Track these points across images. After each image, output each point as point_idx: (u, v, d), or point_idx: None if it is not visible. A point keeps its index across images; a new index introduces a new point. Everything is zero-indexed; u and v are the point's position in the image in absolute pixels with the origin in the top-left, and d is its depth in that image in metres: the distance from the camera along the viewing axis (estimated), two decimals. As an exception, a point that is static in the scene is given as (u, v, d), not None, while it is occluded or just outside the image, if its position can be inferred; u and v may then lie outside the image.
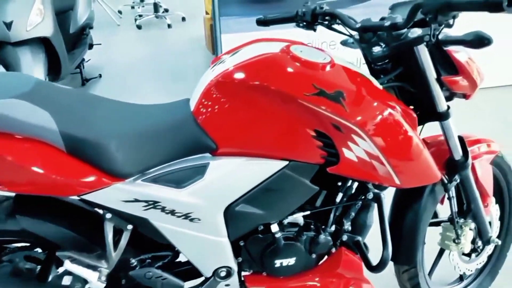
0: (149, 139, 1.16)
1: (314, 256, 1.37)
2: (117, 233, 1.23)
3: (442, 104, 1.31)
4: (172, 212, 1.18)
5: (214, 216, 1.21)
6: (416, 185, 1.27)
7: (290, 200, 1.26)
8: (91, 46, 4.38)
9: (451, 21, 1.12)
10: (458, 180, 1.44)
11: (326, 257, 1.43)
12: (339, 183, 1.35)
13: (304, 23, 1.44)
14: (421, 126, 1.39)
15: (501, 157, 1.62)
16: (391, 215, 1.52)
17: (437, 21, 1.07)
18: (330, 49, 3.41)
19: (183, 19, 6.78)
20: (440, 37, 1.23)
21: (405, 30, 1.22)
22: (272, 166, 1.20)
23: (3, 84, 1.11)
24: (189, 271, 1.33)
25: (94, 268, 1.20)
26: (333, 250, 1.40)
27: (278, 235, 1.30)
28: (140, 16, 6.76)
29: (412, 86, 1.31)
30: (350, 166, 1.19)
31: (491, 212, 1.62)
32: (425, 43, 1.22)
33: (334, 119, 1.12)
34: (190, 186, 1.17)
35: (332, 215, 1.37)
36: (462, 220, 1.53)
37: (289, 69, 1.13)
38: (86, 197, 1.13)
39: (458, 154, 1.41)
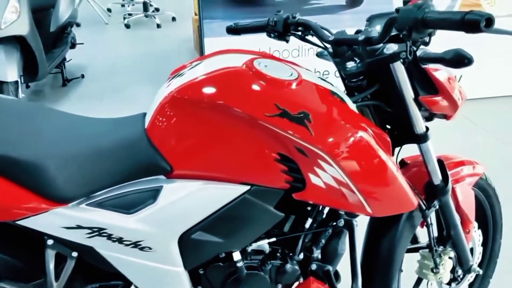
0: (96, 159, 1.05)
1: (280, 286, 1.27)
2: (61, 261, 1.11)
3: (420, 125, 1.21)
4: (120, 240, 1.07)
5: (167, 245, 1.10)
6: (389, 213, 1.17)
7: (252, 227, 1.15)
8: (73, 46, 4.26)
9: (426, 39, 1.02)
10: (437, 206, 1.34)
11: (293, 287, 1.32)
12: (308, 208, 1.24)
13: (276, 34, 1.34)
14: (398, 148, 1.29)
15: (484, 180, 1.53)
16: (365, 241, 1.42)
17: (411, 38, 0.97)
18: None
19: (173, 19, 6.66)
20: (418, 54, 1.14)
21: (380, 45, 1.13)
22: (232, 191, 1.09)
23: None
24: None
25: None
26: (301, 280, 1.29)
27: (240, 264, 1.19)
28: (129, 15, 6.64)
29: (388, 106, 1.22)
30: (317, 192, 1.09)
31: (473, 239, 1.52)
32: (401, 60, 1.12)
33: (298, 142, 1.02)
34: (140, 212, 1.06)
35: (300, 242, 1.26)
36: (441, 248, 1.43)
37: (250, 87, 1.03)
38: (21, 222, 1.02)
39: (437, 178, 1.31)
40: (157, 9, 6.99)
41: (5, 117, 1.04)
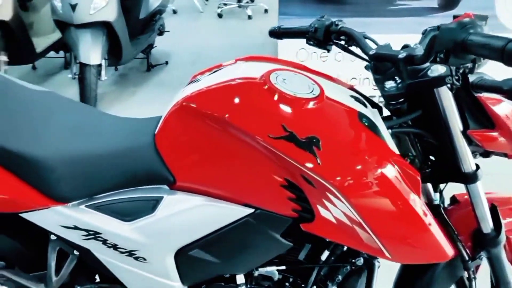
0: (101, 161, 1.02)
1: None
2: (64, 257, 1.11)
3: (468, 163, 1.02)
4: (115, 247, 1.04)
5: (162, 258, 1.05)
6: (413, 262, 1.02)
7: (254, 253, 1.06)
8: (161, 33, 4.39)
9: (469, 65, 0.84)
10: (484, 259, 1.13)
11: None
12: (327, 239, 1.12)
13: (316, 41, 1.21)
14: (443, 184, 1.11)
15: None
16: (395, 286, 1.25)
17: (449, 62, 0.80)
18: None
19: (266, 11, 6.62)
20: (472, 79, 0.95)
21: (426, 65, 0.96)
22: (234, 212, 1.00)
23: None
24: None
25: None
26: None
27: (240, 287, 1.11)
28: (224, 4, 6.72)
29: (432, 136, 1.04)
30: (327, 227, 0.96)
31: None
32: (448, 85, 0.94)
33: (303, 171, 0.90)
34: (137, 221, 1.02)
35: (314, 274, 1.14)
36: (486, 306, 1.21)
37: (257, 103, 0.93)
38: (24, 215, 1.03)
39: (487, 226, 1.10)
40: (251, 0, 7.00)
41: (19, 108, 1.05)
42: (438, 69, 0.94)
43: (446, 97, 0.97)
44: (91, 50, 3.16)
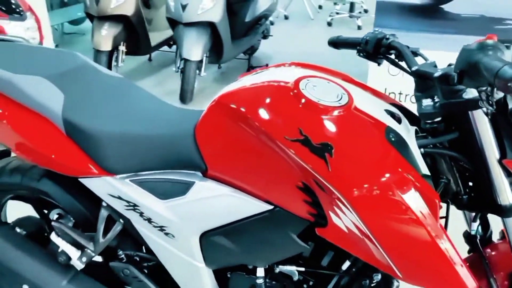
0: (148, 143, 1.15)
1: None
2: (112, 223, 1.26)
3: (505, 195, 0.97)
4: (149, 220, 1.16)
5: (188, 238, 1.14)
6: (426, 286, 0.97)
7: (271, 249, 1.10)
8: (265, 37, 4.56)
9: (487, 89, 0.80)
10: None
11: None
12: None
13: (365, 53, 1.21)
14: (474, 214, 1.05)
15: None
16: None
17: (462, 83, 0.78)
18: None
19: (378, 22, 6.49)
20: None
21: (463, 86, 0.92)
22: (255, 206, 1.06)
23: (44, 61, 1.24)
24: (171, 281, 1.30)
25: (80, 247, 1.27)
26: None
27: (260, 281, 1.16)
28: (336, 13, 6.73)
29: (469, 161, 0.99)
30: (339, 234, 0.98)
31: None
32: (484, 109, 0.90)
33: (314, 175, 0.93)
34: (170, 200, 1.13)
35: (333, 282, 1.15)
36: None
37: (280, 105, 0.97)
38: (81, 180, 1.19)
39: (523, 266, 1.02)
40: (365, 11, 6.90)
41: (93, 89, 1.22)
42: (473, 92, 0.90)
43: (481, 121, 0.93)
44: (194, 47, 3.41)
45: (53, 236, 1.26)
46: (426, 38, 2.81)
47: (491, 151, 0.94)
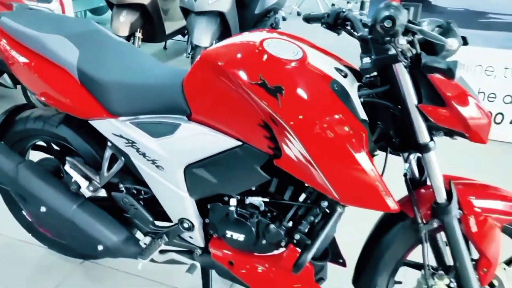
0: (145, 92, 1.41)
1: (264, 242, 1.44)
2: (115, 160, 1.54)
3: (422, 134, 1.20)
4: (144, 155, 1.43)
5: (175, 170, 1.41)
6: (360, 206, 1.22)
7: (240, 179, 1.35)
8: (274, 29, 4.80)
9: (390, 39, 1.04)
10: (435, 225, 1.28)
11: (281, 250, 1.46)
12: (306, 184, 1.37)
13: (327, 25, 1.45)
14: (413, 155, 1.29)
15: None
16: (369, 234, 1.44)
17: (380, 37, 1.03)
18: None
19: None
20: (424, 61, 1.13)
21: (388, 45, 1.16)
22: (228, 142, 1.31)
23: (64, 24, 1.52)
24: (162, 212, 1.56)
25: (88, 178, 1.55)
26: (284, 245, 1.43)
27: (232, 209, 1.41)
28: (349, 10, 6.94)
29: (397, 109, 1.23)
30: (291, 163, 1.23)
31: (500, 281, 1.37)
32: (404, 63, 1.14)
33: (269, 112, 1.18)
34: (161, 139, 1.39)
35: (292, 212, 1.40)
36: (440, 272, 1.35)
37: (247, 59, 1.22)
38: (91, 122, 1.47)
39: (440, 196, 1.26)
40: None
41: (103, 48, 1.49)
42: (392, 49, 1.14)
43: (402, 73, 1.16)
44: (203, 34, 3.69)
45: (67, 167, 1.55)
46: (415, 29, 3.03)
47: (410, 97, 1.18)
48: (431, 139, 1.21)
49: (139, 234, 1.68)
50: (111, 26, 4.03)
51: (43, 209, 1.56)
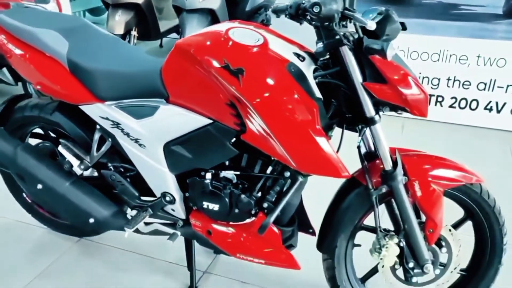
0: (128, 78, 1.58)
1: (237, 211, 1.60)
2: (104, 142, 1.71)
3: (368, 109, 1.37)
4: (128, 135, 1.60)
5: (155, 147, 1.58)
6: (315, 173, 1.38)
7: (212, 154, 1.53)
8: (265, 26, 4.97)
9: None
10: (384, 190, 1.45)
11: (252, 219, 1.63)
12: (273, 158, 1.53)
13: (289, 15, 1.62)
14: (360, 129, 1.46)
15: (478, 193, 1.50)
16: (330, 202, 1.61)
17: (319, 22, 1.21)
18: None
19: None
20: (366, 44, 1.30)
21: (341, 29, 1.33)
22: (201, 121, 1.49)
23: (56, 20, 1.70)
24: (147, 189, 1.73)
25: (79, 158, 1.73)
26: (254, 213, 1.60)
27: (207, 181, 1.58)
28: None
29: (347, 87, 1.40)
30: (254, 137, 1.40)
31: (447, 242, 1.54)
32: (348, 46, 1.31)
33: (232, 91, 1.35)
34: (142, 120, 1.57)
35: (260, 183, 1.57)
36: (391, 233, 1.52)
37: (213, 45, 1.39)
38: (81, 107, 1.65)
39: (387, 163, 1.43)
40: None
41: (90, 40, 1.67)
42: (341, 32, 1.31)
43: (347, 55, 1.33)
44: (195, 31, 3.81)
45: (60, 148, 1.73)
46: (393, 21, 3.19)
47: (356, 76, 1.34)
48: (377, 113, 1.38)
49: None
50: (107, 25, 4.21)
51: (39, 186, 1.74)
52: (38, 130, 2.00)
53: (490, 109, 3.19)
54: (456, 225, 1.60)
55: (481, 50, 3.04)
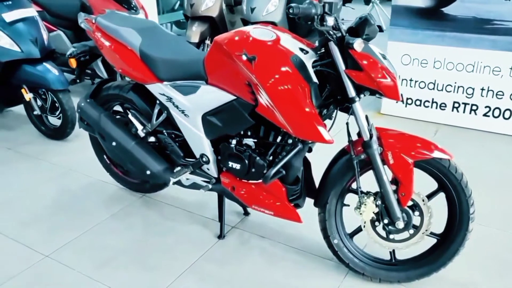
0: (180, 65, 2.13)
1: (253, 170, 2.07)
2: (161, 114, 2.28)
3: (350, 90, 1.78)
4: (177, 107, 2.15)
5: (196, 117, 2.11)
6: (306, 138, 1.81)
7: (235, 123, 2.01)
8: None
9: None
10: (363, 157, 1.84)
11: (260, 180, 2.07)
12: (281, 129, 1.99)
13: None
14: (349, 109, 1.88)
15: (446, 167, 1.83)
16: (326, 168, 2.02)
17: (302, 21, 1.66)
18: (495, 75, 3.38)
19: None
20: (347, 39, 1.73)
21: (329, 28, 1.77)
22: (228, 97, 1.99)
23: (134, 22, 2.31)
24: (190, 152, 2.26)
25: (143, 124, 2.31)
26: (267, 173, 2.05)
27: (232, 146, 2.08)
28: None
29: (336, 74, 1.83)
30: (265, 109, 1.86)
31: (419, 205, 1.88)
32: (333, 42, 1.75)
33: (247, 72, 1.83)
34: (188, 96, 2.10)
35: (272, 149, 2.03)
36: (369, 194, 1.90)
37: (238, 40, 1.89)
38: (147, 86, 2.23)
39: (365, 134, 1.82)
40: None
41: (159, 37, 2.25)
42: (328, 32, 1.75)
43: (333, 48, 1.76)
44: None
45: (130, 116, 2.33)
46: (430, 35, 3.50)
47: (341, 65, 1.76)
48: (357, 95, 1.78)
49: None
50: (186, 34, 4.92)
51: (113, 143, 2.35)
52: (118, 108, 2.63)
53: (523, 119, 3.36)
54: (430, 195, 1.94)
55: (513, 63, 3.24)
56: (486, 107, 3.48)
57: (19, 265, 2.19)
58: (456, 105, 3.60)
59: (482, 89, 3.44)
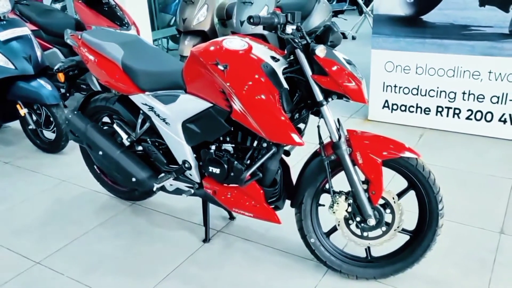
0: (161, 76, 2.24)
1: (232, 174, 2.15)
2: (145, 123, 2.38)
3: (317, 94, 1.88)
4: (159, 116, 2.25)
5: (176, 125, 2.21)
6: (278, 141, 1.90)
7: (213, 129, 2.11)
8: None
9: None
10: (333, 158, 1.92)
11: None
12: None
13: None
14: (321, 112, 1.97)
15: (413, 166, 1.91)
16: (300, 170, 2.10)
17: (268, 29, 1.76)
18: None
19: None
20: (312, 47, 1.82)
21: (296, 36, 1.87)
22: (205, 105, 2.09)
23: (118, 36, 2.43)
24: (173, 158, 2.36)
25: (127, 133, 2.41)
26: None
27: (211, 151, 2.17)
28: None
29: (304, 80, 1.92)
30: (239, 115, 1.96)
31: (391, 203, 1.95)
32: (299, 49, 1.84)
33: (220, 80, 1.93)
34: (168, 105, 2.21)
35: (249, 153, 2.12)
36: (341, 193, 1.98)
37: (211, 49, 2.00)
38: (130, 96, 2.33)
39: (334, 136, 1.90)
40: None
41: (140, 50, 2.36)
42: (295, 40, 1.85)
43: (299, 55, 1.86)
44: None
45: (115, 125, 2.43)
46: (411, 42, 3.60)
47: (307, 71, 1.86)
48: (326, 99, 1.87)
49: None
50: (179, 48, 5.06)
51: (100, 153, 2.45)
52: (106, 119, 2.74)
53: (505, 121, 3.43)
54: (401, 193, 2.01)
55: (492, 67, 3.33)
56: (468, 110, 3.56)
57: (10, 272, 2.28)
58: (440, 109, 3.68)
59: (464, 93, 3.52)
